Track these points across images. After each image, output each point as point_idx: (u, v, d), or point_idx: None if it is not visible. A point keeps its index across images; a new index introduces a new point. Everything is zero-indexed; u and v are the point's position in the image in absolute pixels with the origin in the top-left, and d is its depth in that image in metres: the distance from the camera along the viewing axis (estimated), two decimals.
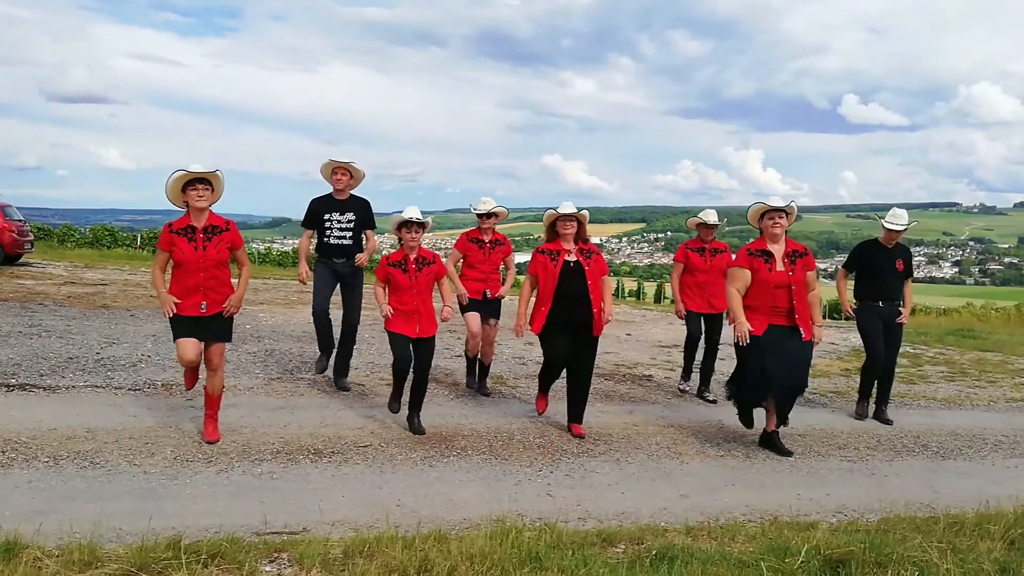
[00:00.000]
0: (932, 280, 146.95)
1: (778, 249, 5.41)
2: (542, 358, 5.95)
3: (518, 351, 8.87)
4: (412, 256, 5.50)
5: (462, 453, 5.10)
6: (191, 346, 4.86)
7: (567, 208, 5.58)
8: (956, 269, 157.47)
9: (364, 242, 6.52)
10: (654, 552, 3.45)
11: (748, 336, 5.24)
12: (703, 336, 7.06)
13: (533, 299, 5.77)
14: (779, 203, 5.39)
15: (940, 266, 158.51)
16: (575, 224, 5.61)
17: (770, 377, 5.30)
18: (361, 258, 6.40)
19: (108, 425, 5.11)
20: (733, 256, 5.83)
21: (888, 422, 6.67)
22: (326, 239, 6.37)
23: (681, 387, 7.43)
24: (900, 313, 6.61)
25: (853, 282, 6.89)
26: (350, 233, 6.35)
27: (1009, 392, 8.46)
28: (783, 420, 5.61)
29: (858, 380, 7.14)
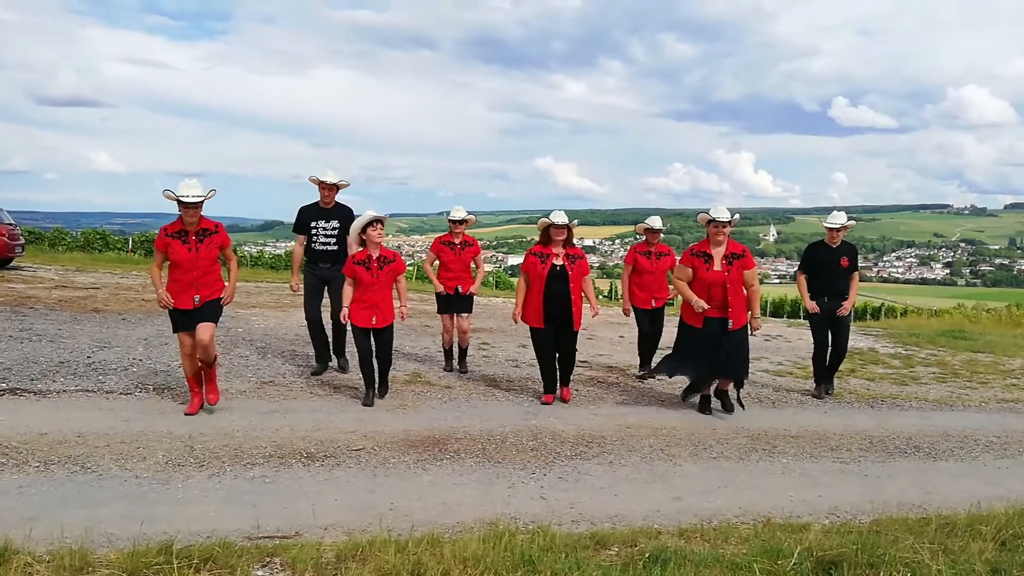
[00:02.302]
0: (924, 281, 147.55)
1: (719, 252, 6.19)
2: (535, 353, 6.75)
3: (511, 354, 8.86)
4: (375, 255, 6.08)
5: (455, 456, 5.09)
6: (189, 337, 5.53)
7: (559, 218, 6.40)
8: (947, 270, 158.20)
9: (349, 248, 6.87)
10: (647, 554, 3.45)
11: (704, 309, 6.08)
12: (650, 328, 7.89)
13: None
14: (724, 216, 6.11)
15: (931, 267, 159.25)
16: (565, 232, 6.43)
17: (705, 357, 6.20)
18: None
19: (99, 429, 5.09)
20: (677, 258, 6.67)
21: (830, 392, 7.61)
22: (313, 245, 6.91)
23: (641, 375, 8.03)
24: (842, 306, 7.24)
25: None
26: (334, 239, 6.89)
27: (1000, 393, 8.49)
28: (733, 394, 6.48)
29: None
